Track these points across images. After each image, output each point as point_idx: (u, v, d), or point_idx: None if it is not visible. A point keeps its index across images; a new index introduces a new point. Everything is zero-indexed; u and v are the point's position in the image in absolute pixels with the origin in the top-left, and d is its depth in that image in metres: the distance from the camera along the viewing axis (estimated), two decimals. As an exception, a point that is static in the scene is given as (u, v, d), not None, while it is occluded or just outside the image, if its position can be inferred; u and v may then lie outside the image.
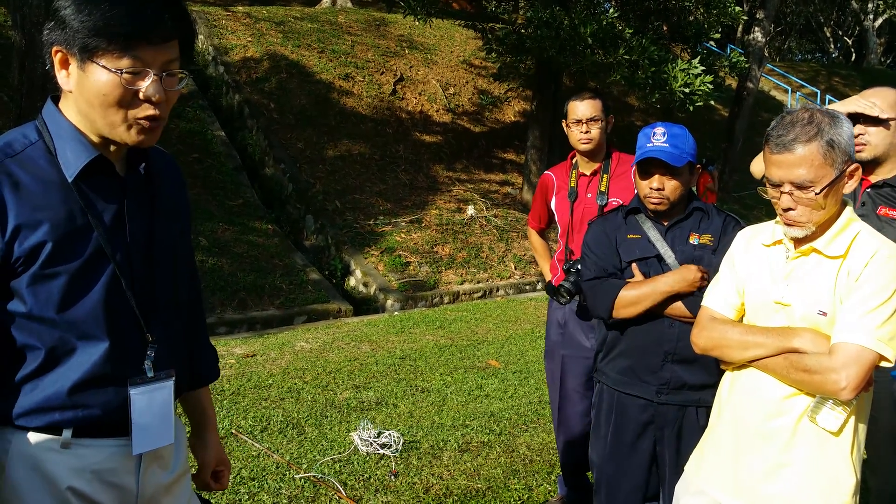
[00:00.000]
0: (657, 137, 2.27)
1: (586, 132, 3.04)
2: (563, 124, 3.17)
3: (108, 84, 1.25)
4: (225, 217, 8.98)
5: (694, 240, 2.32)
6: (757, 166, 2.66)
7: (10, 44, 9.28)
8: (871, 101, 2.42)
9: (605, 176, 3.10)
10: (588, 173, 3.14)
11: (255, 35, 13.14)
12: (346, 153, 11.21)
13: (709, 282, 2.06)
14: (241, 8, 14.45)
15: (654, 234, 2.34)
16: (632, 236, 2.38)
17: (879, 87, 2.53)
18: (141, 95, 1.28)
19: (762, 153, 2.59)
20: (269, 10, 14.51)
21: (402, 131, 12.37)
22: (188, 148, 10.24)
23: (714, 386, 2.24)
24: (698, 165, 2.35)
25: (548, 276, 3.41)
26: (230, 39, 12.86)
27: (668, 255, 2.30)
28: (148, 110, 1.29)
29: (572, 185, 3.17)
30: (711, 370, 2.25)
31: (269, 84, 11.99)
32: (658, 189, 2.26)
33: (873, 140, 2.42)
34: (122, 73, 1.24)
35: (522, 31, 10.29)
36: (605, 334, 2.47)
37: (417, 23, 11.16)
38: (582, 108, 3.04)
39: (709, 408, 2.19)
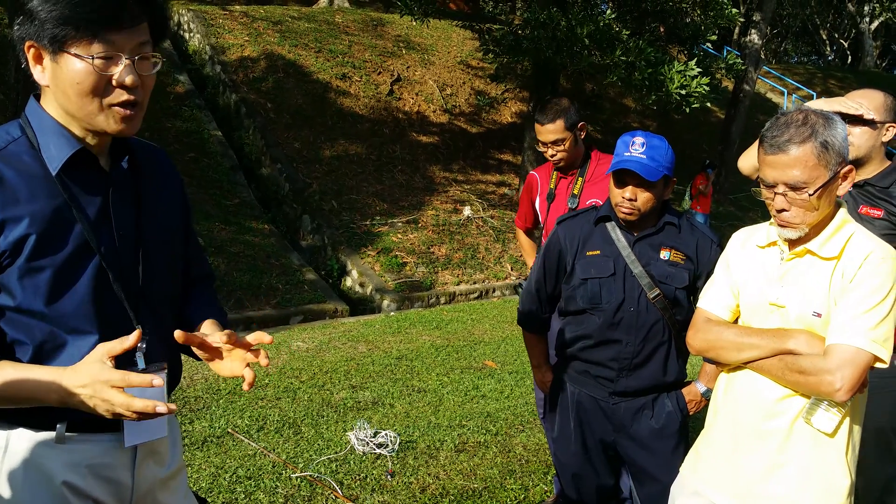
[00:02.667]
0: (636, 147, 2.25)
1: (553, 155, 3.07)
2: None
3: (81, 72, 1.26)
4: (221, 216, 8.97)
5: (665, 254, 2.33)
6: (744, 161, 2.66)
7: (6, 41, 9.26)
8: (857, 101, 2.43)
9: (579, 179, 3.11)
10: (567, 174, 3.18)
11: (252, 34, 13.12)
12: (342, 153, 11.20)
13: None
14: (238, 7, 14.43)
15: (622, 244, 2.34)
16: (591, 253, 2.39)
17: (867, 89, 2.55)
18: (114, 81, 1.28)
19: (750, 149, 2.61)
20: (267, 10, 14.50)
21: (399, 131, 12.37)
22: (184, 147, 10.23)
23: (665, 383, 2.39)
24: (673, 178, 2.35)
25: None
26: (227, 38, 12.85)
27: (636, 266, 2.31)
28: (123, 96, 1.29)
29: (551, 186, 3.20)
30: (659, 372, 2.36)
31: (265, 83, 11.98)
32: (631, 200, 2.26)
33: (857, 141, 2.43)
34: (93, 59, 1.25)
35: (519, 31, 10.31)
36: (567, 332, 2.49)
37: (415, 23, 11.16)
38: (544, 133, 3.04)
39: (660, 400, 2.39)
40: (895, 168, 2.49)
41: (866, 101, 2.44)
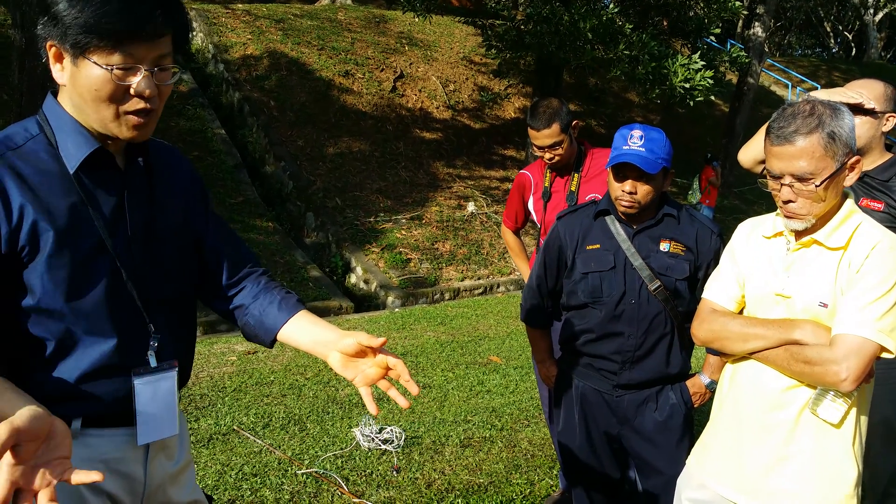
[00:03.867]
0: (634, 140, 2.24)
1: (550, 158, 3.05)
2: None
3: (99, 80, 1.25)
4: (225, 215, 8.98)
5: (665, 246, 2.33)
6: (744, 154, 2.64)
7: (9, 42, 9.28)
8: (857, 91, 2.41)
9: (576, 175, 3.09)
10: (563, 174, 3.15)
11: (255, 32, 13.13)
12: (346, 150, 11.20)
13: None
14: (240, 5, 14.43)
15: (621, 237, 2.34)
16: (591, 247, 2.38)
17: (867, 79, 2.52)
18: (132, 91, 1.28)
19: (750, 142, 2.59)
20: (269, 8, 14.50)
21: (403, 128, 12.36)
22: (188, 146, 10.24)
23: (668, 375, 2.39)
24: (672, 170, 2.35)
25: (526, 277, 3.40)
26: (230, 37, 12.85)
27: (636, 259, 2.31)
28: (139, 104, 1.29)
29: (546, 184, 3.17)
30: (662, 364, 2.36)
31: (269, 81, 11.99)
32: (631, 193, 2.25)
33: (857, 131, 2.40)
34: (112, 70, 1.24)
35: (522, 27, 10.29)
36: (570, 326, 2.49)
37: (417, 19, 11.15)
38: (540, 139, 3.01)
39: (665, 393, 2.39)
40: (895, 162, 2.47)
41: (866, 91, 2.42)
